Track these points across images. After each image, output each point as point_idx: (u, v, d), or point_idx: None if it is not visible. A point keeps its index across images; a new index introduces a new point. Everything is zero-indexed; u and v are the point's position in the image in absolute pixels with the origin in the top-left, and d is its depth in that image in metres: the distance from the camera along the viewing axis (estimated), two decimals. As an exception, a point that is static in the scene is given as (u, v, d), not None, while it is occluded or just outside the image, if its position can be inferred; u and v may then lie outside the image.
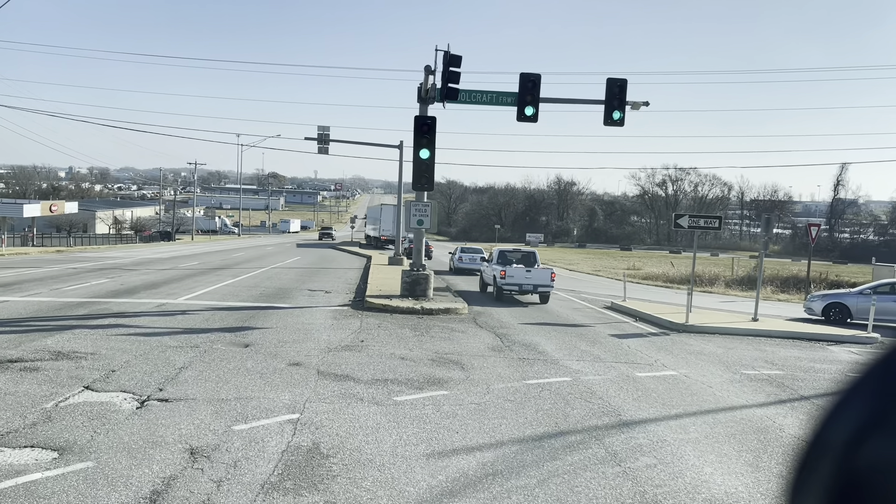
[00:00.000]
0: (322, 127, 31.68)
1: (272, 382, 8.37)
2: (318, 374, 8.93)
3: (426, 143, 16.61)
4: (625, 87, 17.33)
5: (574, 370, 10.15)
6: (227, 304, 15.71)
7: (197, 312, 14.02)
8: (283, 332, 12.03)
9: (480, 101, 17.09)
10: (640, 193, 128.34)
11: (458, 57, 14.11)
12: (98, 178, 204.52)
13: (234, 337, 11.41)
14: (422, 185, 16.82)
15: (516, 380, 9.24)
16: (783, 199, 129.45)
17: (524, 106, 16.80)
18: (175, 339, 10.88)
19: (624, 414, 7.81)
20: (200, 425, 6.50)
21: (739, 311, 20.29)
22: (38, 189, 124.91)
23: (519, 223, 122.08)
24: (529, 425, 7.12)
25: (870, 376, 0.66)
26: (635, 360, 11.33)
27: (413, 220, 17.52)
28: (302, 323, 13.27)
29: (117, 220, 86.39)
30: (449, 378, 9.12)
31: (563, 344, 12.54)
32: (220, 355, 9.81)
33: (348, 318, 14.37)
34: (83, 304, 14.62)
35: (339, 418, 6.98)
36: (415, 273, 17.50)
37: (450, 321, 14.65)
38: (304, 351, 10.46)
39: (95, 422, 6.47)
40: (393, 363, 9.91)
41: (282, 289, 19.69)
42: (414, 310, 15.45)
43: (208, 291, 18.16)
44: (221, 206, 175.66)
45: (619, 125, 17.36)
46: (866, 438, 0.61)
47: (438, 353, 10.85)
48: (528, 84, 16.85)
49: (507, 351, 11.45)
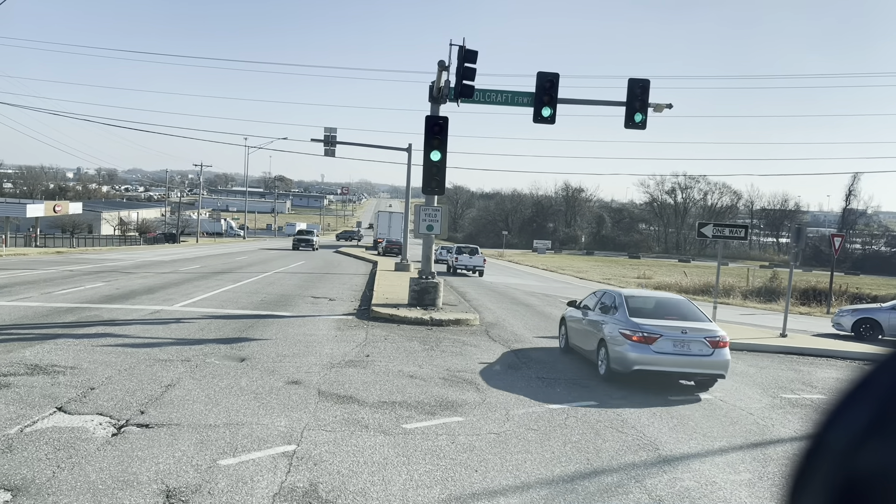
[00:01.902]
0: (329, 128, 30.94)
1: (268, 404, 7.51)
2: (319, 395, 8.07)
3: (437, 144, 15.78)
4: (647, 89, 16.47)
5: (599, 393, 9.26)
6: (225, 311, 14.88)
7: (193, 321, 13.19)
8: (282, 345, 11.18)
9: (495, 101, 16.25)
10: (649, 201, 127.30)
11: (473, 52, 13.30)
12: (105, 180, 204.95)
13: (230, 349, 10.57)
14: (432, 188, 15.98)
15: (538, 404, 8.36)
16: (793, 209, 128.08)
17: (541, 107, 15.96)
18: (165, 352, 10.04)
19: (662, 447, 6.92)
20: (182, 459, 5.65)
21: (763, 326, 19.36)
22: (46, 189, 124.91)
23: (526, 229, 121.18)
24: (558, 462, 6.24)
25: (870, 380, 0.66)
26: (664, 381, 10.42)
27: (423, 224, 16.67)
28: (303, 334, 12.43)
29: (122, 221, 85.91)
30: (463, 401, 8.25)
31: (584, 361, 11.64)
32: (212, 371, 8.97)
33: (353, 328, 13.52)
34: (73, 310, 13.82)
35: (341, 451, 6.12)
36: (423, 281, 16.64)
37: (461, 333, 13.78)
38: (304, 366, 9.61)
39: (61, 453, 5.63)
40: (401, 382, 9.04)
41: (284, 295, 18.86)
42: (423, 320, 14.59)
43: (207, 297, 17.34)
44: (228, 208, 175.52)
45: (640, 128, 16.50)
46: (866, 443, 0.61)
47: (450, 371, 9.98)
48: (545, 84, 16.01)
49: (525, 369, 10.56)
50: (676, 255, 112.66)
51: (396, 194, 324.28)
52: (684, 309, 10.62)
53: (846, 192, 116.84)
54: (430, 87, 16.38)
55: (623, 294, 11.00)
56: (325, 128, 30.69)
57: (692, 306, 10.82)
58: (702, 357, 9.57)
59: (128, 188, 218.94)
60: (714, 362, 9.60)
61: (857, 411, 0.64)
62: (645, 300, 10.91)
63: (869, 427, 0.62)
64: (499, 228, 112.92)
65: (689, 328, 9.80)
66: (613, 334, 9.94)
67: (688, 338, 9.60)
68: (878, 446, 0.60)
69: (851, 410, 0.64)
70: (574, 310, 12.23)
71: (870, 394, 0.65)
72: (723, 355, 9.67)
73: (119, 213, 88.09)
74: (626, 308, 10.29)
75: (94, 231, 77.12)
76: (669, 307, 10.68)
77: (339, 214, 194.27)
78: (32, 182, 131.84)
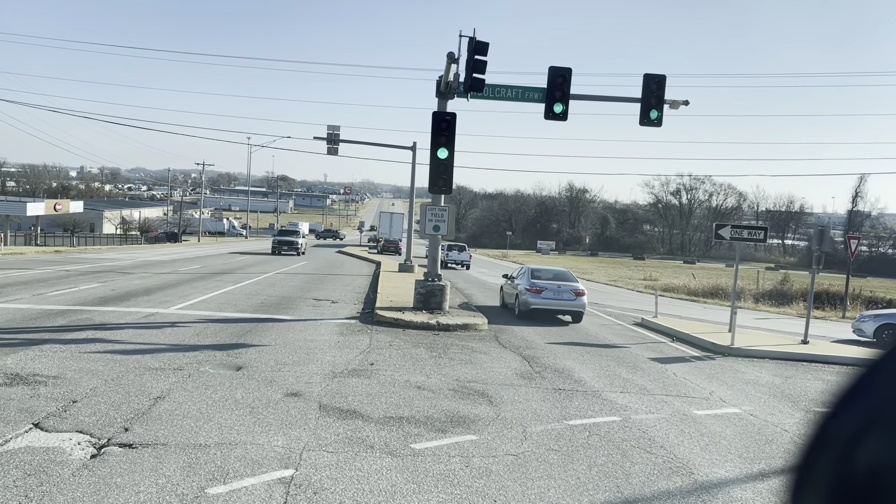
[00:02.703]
0: (332, 126, 30.32)
1: (264, 420, 6.90)
2: (320, 409, 7.46)
3: (445, 141, 15.17)
4: (663, 84, 15.86)
5: (621, 406, 8.64)
6: (223, 314, 14.29)
7: (188, 325, 12.59)
8: (282, 351, 10.57)
9: (505, 96, 15.64)
10: (654, 202, 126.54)
11: (484, 44, 12.68)
12: (108, 178, 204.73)
13: (226, 357, 9.96)
14: (439, 187, 15.37)
15: (556, 419, 7.74)
16: (798, 211, 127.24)
17: (553, 102, 15.34)
18: (157, 359, 9.43)
19: (697, 471, 6.29)
20: (165, 486, 5.04)
21: (780, 331, 18.73)
22: (49, 188, 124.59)
23: (530, 230, 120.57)
24: (585, 489, 5.61)
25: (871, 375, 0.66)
26: (687, 393, 9.80)
27: (429, 225, 16.06)
28: (304, 339, 11.82)
29: (125, 220, 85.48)
30: (476, 416, 7.63)
31: (601, 370, 11.02)
32: (206, 381, 8.36)
33: (356, 333, 12.91)
34: (63, 312, 13.23)
35: (344, 476, 5.50)
36: (430, 284, 16.03)
37: (469, 339, 13.16)
38: (304, 376, 9.00)
39: (32, 479, 5.02)
40: (408, 394, 8.43)
41: (285, 297, 18.26)
42: (429, 325, 13.97)
43: (205, 300, 16.74)
44: (231, 207, 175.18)
45: (656, 125, 15.89)
46: (867, 438, 0.61)
47: (460, 381, 9.36)
48: (557, 79, 15.40)
49: (539, 379, 9.94)
50: (681, 256, 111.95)
51: (399, 194, 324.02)
52: (566, 275, 17.97)
53: (853, 194, 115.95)
54: (437, 82, 15.76)
55: (530, 267, 18.53)
56: (328, 125, 30.12)
57: (570, 274, 18.36)
58: (569, 301, 16.76)
59: (131, 187, 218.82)
60: (576, 304, 16.83)
61: (858, 406, 0.64)
62: (542, 271, 18.23)
63: (871, 422, 0.62)
64: (502, 229, 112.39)
65: (563, 285, 17.01)
66: (522, 289, 17.13)
67: (561, 289, 16.82)
68: (880, 441, 0.60)
69: (853, 405, 0.64)
70: (507, 281, 19.48)
71: (871, 389, 0.64)
72: (582, 301, 16.90)
73: (121, 212, 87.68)
74: (530, 275, 17.50)
75: (95, 230, 76.72)
76: (557, 274, 17.87)
77: (342, 214, 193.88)
78: (35, 181, 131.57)
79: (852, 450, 0.62)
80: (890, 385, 0.64)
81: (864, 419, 0.63)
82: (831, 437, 0.65)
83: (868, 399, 0.64)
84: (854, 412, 0.64)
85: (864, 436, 0.62)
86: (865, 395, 0.65)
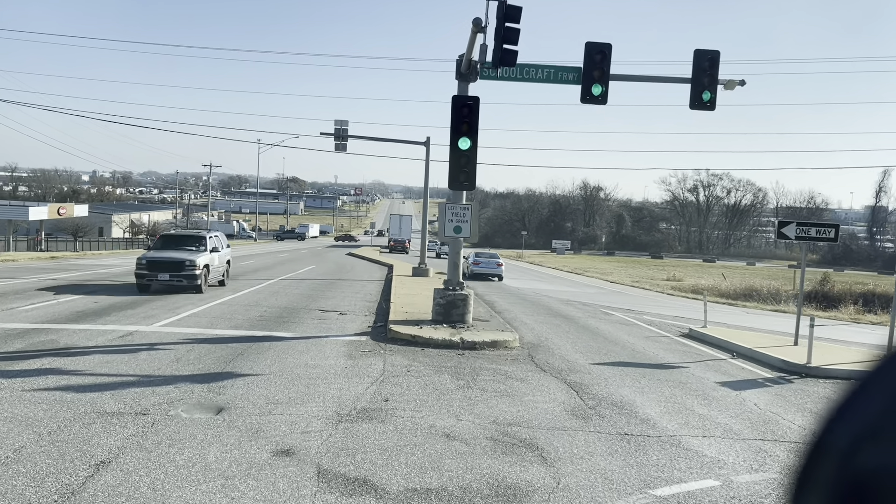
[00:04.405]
0: (339, 121, 28.38)
1: (240, 500, 4.96)
2: (319, 478, 5.51)
3: (466, 129, 13.19)
4: (717, 62, 13.82)
5: (712, 460, 6.61)
6: (213, 332, 12.39)
7: (169, 347, 10.69)
8: (276, 383, 8.64)
9: (536, 77, 13.65)
10: (671, 199, 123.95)
11: (517, 8, 10.69)
12: (120, 182, 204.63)
13: (207, 392, 8.03)
14: (460, 182, 13.38)
15: (636, 487, 5.74)
16: (819, 206, 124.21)
17: (591, 84, 13.33)
18: (118, 399, 7.52)
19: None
20: None
21: (848, 341, 16.61)
22: (59, 192, 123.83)
23: (543, 229, 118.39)
24: None
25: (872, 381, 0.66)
26: (785, 435, 7.76)
27: (448, 226, 14.09)
28: (305, 365, 9.88)
29: (133, 223, 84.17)
30: (528, 484, 5.65)
31: (667, 402, 9.00)
32: (173, 433, 6.43)
33: (367, 355, 10.96)
34: (27, 332, 11.37)
35: None
36: (451, 293, 14.05)
37: (500, 360, 11.17)
38: (302, 421, 7.05)
39: None
40: (435, 447, 6.46)
41: (287, 309, 16.34)
42: (452, 343, 12.00)
43: (196, 313, 14.86)
44: (241, 209, 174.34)
45: (708, 108, 13.85)
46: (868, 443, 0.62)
47: (499, 425, 7.37)
48: (595, 56, 13.38)
49: (596, 418, 7.93)
50: (699, 254, 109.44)
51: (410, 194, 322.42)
52: (494, 255, 35.13)
53: (876, 189, 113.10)
54: (457, 62, 13.79)
55: (474, 251, 37.89)
56: (336, 120, 28.19)
57: (496, 253, 37.70)
58: (494, 268, 33.35)
59: (142, 190, 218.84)
60: (497, 270, 33.37)
61: (859, 412, 0.64)
62: (480, 253, 36.44)
63: (871, 428, 0.62)
64: (515, 228, 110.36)
65: (490, 260, 34.10)
66: (470, 262, 32.64)
67: (491, 262, 33.84)
68: (881, 447, 0.60)
69: (854, 411, 0.65)
70: (465, 259, 26.67)
71: (872, 395, 0.65)
72: (501, 268, 33.81)
73: (130, 216, 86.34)
74: (475, 256, 34.87)
75: (105, 234, 75.41)
76: (491, 255, 34.90)
77: (353, 215, 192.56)
78: (46, 185, 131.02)
79: (851, 458, 0.62)
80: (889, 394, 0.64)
81: (863, 428, 0.63)
82: (830, 445, 0.65)
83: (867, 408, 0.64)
84: (853, 421, 0.64)
85: (862, 444, 0.62)
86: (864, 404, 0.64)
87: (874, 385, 0.65)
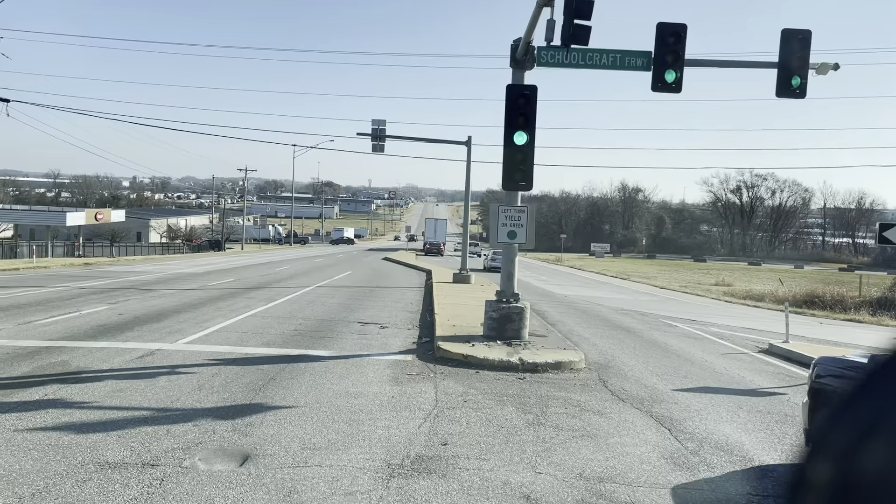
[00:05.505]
0: (377, 121, 27.20)
1: None
2: (370, 572, 4.12)
3: (523, 122, 11.77)
4: (808, 43, 12.15)
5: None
6: (243, 350, 11.15)
7: (192, 371, 9.45)
8: (313, 419, 7.29)
9: (600, 63, 12.13)
10: (713, 200, 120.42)
11: (591, -23, 9.25)
12: (159, 188, 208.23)
13: (231, 433, 6.72)
14: (516, 181, 11.95)
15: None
16: (870, 207, 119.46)
17: (664, 69, 11.81)
18: (124, 443, 6.25)
19: None
20: None
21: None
22: (100, 198, 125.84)
23: (581, 232, 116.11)
24: None
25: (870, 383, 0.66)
26: None
27: (502, 231, 12.66)
28: (346, 393, 8.53)
29: (171, 228, 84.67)
30: (652, 584, 4.17)
31: (780, 442, 7.43)
32: (185, 494, 5.12)
33: (415, 380, 9.57)
34: (38, 352, 10.26)
35: None
36: (505, 306, 12.60)
37: (568, 387, 9.67)
38: (345, 475, 5.68)
39: None
40: (515, 518, 5.02)
41: (324, 321, 15.08)
42: (510, 365, 10.54)
43: (226, 326, 13.67)
44: (277, 214, 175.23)
45: (799, 96, 12.20)
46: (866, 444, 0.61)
47: (586, 479, 5.90)
48: (668, 39, 11.86)
49: (704, 468, 6.40)
50: (743, 257, 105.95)
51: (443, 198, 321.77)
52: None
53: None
54: (512, 47, 12.37)
55: (493, 250, 45.84)
56: (373, 120, 27.01)
57: None
58: None
59: (180, 196, 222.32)
60: None
61: (856, 413, 0.64)
62: (496, 252, 40.50)
63: (868, 429, 0.62)
64: (552, 231, 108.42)
65: None
66: (489, 258, 47.99)
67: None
68: (878, 448, 0.60)
69: (851, 412, 0.65)
70: (486, 258, 50.31)
71: (869, 396, 0.65)
72: None
73: (167, 221, 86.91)
74: (493, 253, 45.47)
75: (142, 239, 75.85)
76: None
77: (387, 219, 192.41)
78: (87, 191, 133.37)
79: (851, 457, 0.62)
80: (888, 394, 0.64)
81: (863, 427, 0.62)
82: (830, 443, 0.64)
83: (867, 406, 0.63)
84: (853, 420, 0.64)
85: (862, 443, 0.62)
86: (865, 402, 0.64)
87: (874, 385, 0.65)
